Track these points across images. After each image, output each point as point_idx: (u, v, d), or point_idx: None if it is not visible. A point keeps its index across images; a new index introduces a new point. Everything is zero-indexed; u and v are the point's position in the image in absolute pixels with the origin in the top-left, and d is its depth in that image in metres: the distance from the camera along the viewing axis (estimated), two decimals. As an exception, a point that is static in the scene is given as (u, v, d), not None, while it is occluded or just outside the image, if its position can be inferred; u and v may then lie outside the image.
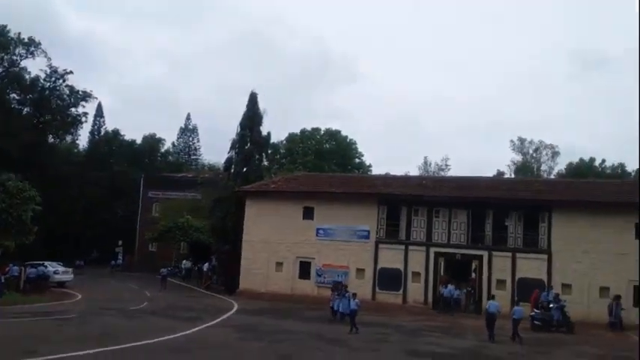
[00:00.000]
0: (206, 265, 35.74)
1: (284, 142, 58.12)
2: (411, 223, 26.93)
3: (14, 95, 46.13)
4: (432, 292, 26.15)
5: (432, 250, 26.33)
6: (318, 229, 27.97)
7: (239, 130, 34.40)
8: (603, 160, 56.27)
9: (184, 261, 40.98)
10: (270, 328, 18.00)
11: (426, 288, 26.01)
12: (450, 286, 25.40)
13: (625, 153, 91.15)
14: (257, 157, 35.51)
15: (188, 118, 67.90)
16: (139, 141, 57.91)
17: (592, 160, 56.27)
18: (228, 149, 34.68)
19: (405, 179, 33.23)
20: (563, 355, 15.85)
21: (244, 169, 34.10)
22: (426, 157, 59.64)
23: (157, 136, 60.72)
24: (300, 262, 28.11)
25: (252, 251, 28.75)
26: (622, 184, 29.75)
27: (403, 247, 26.58)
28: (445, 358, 14.35)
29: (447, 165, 58.39)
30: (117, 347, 13.49)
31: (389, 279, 26.17)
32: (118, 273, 41.75)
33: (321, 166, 49.94)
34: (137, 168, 52.32)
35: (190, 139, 68.01)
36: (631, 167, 55.33)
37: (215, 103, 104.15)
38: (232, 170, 34.67)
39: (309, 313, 22.51)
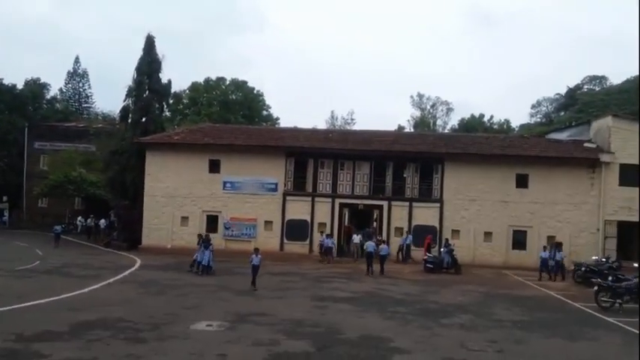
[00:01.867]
0: (102, 221, 33.81)
1: (187, 91, 55.51)
2: (317, 176, 27.55)
3: None
4: (337, 241, 27.42)
5: (337, 201, 27.33)
6: (224, 182, 27.60)
7: (135, 76, 31.96)
8: (491, 117, 61.49)
9: (79, 217, 38.38)
10: (175, 283, 17.79)
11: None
12: (356, 236, 26.94)
13: (510, 110, 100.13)
14: (157, 106, 33.53)
15: (77, 61, 62.02)
16: (20, 86, 51.71)
17: (481, 116, 61.16)
18: (124, 97, 32.25)
19: (312, 132, 33.56)
20: (450, 293, 17.65)
21: (143, 119, 32.04)
22: (332, 111, 60.80)
23: (42, 80, 54.72)
24: (207, 215, 27.70)
25: (155, 206, 27.71)
26: (506, 138, 32.76)
27: (310, 198, 27.22)
28: (346, 301, 15.30)
29: (352, 119, 60.03)
30: (6, 308, 12.64)
31: (296, 230, 26.78)
32: (5, 231, 38.07)
33: (227, 118, 48.74)
34: (19, 116, 46.90)
35: (80, 84, 62.38)
36: (515, 123, 61.22)
37: (108, 46, 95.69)
38: (130, 120, 32.37)
39: (216, 266, 22.48)
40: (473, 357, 9.70)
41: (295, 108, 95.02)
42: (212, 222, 27.62)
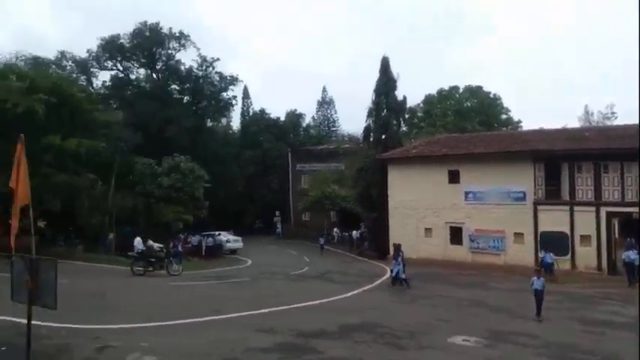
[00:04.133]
0: (355, 232, 36.98)
1: (421, 104, 56.58)
2: (574, 181, 24.32)
3: (174, 86, 51.84)
4: (607, 257, 23.50)
5: (603, 209, 23.46)
6: (466, 193, 26.89)
7: (374, 97, 34.53)
8: None
9: (335, 229, 43.02)
10: (426, 293, 18.06)
11: (598, 252, 23.40)
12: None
13: None
14: (394, 122, 35.33)
15: (324, 90, 69.90)
16: (282, 118, 61.36)
17: None
18: (365, 118, 35.12)
19: (563, 132, 29.80)
20: None
21: (383, 137, 34.22)
22: (586, 106, 52.98)
23: (298, 111, 63.75)
24: (450, 227, 27.41)
25: (398, 218, 28.86)
26: None
27: (567, 207, 24.12)
28: (627, 328, 12.84)
29: (612, 113, 51.10)
30: (287, 307, 14.80)
31: (553, 243, 23.75)
32: (279, 241, 45.54)
33: (463, 126, 47.58)
34: (283, 143, 55.64)
35: (328, 111, 70.00)
36: None
37: (348, 73, 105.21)
38: (371, 139, 34.99)
39: (463, 279, 22.02)
40: None
41: (538, 108, 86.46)
42: (456, 234, 27.19)
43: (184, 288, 18.42)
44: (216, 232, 34.58)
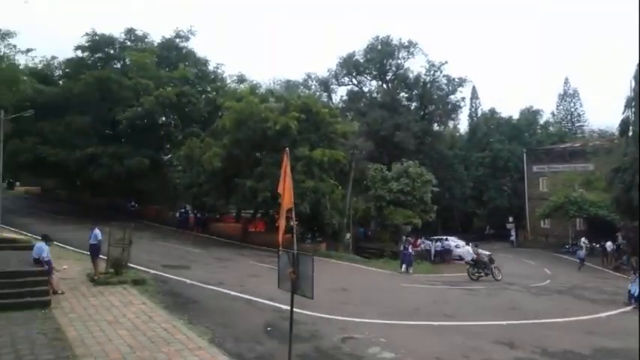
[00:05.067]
0: (609, 243, 31.87)
1: None
2: None
3: (403, 94, 53.50)
4: None
5: None
6: None
7: (633, 85, 29.13)
8: None
9: (583, 238, 37.86)
10: None
11: None
12: None
13: None
14: (664, 112, 29.03)
15: (566, 82, 62.32)
16: (515, 116, 57.05)
17: None
18: (622, 109, 29.96)
19: None
20: None
21: (650, 129, 28.50)
22: None
23: (534, 108, 58.33)
24: None
25: (672, 228, 23.62)
26: None
27: None
28: None
29: None
30: (527, 321, 13.69)
31: None
32: (513, 249, 42.40)
33: None
34: (517, 143, 51.69)
35: (571, 105, 62.14)
36: None
37: (593, 61, 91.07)
38: (630, 133, 29.59)
39: None
40: None
41: None
42: None
43: (417, 290, 18.83)
44: (444, 237, 34.28)
